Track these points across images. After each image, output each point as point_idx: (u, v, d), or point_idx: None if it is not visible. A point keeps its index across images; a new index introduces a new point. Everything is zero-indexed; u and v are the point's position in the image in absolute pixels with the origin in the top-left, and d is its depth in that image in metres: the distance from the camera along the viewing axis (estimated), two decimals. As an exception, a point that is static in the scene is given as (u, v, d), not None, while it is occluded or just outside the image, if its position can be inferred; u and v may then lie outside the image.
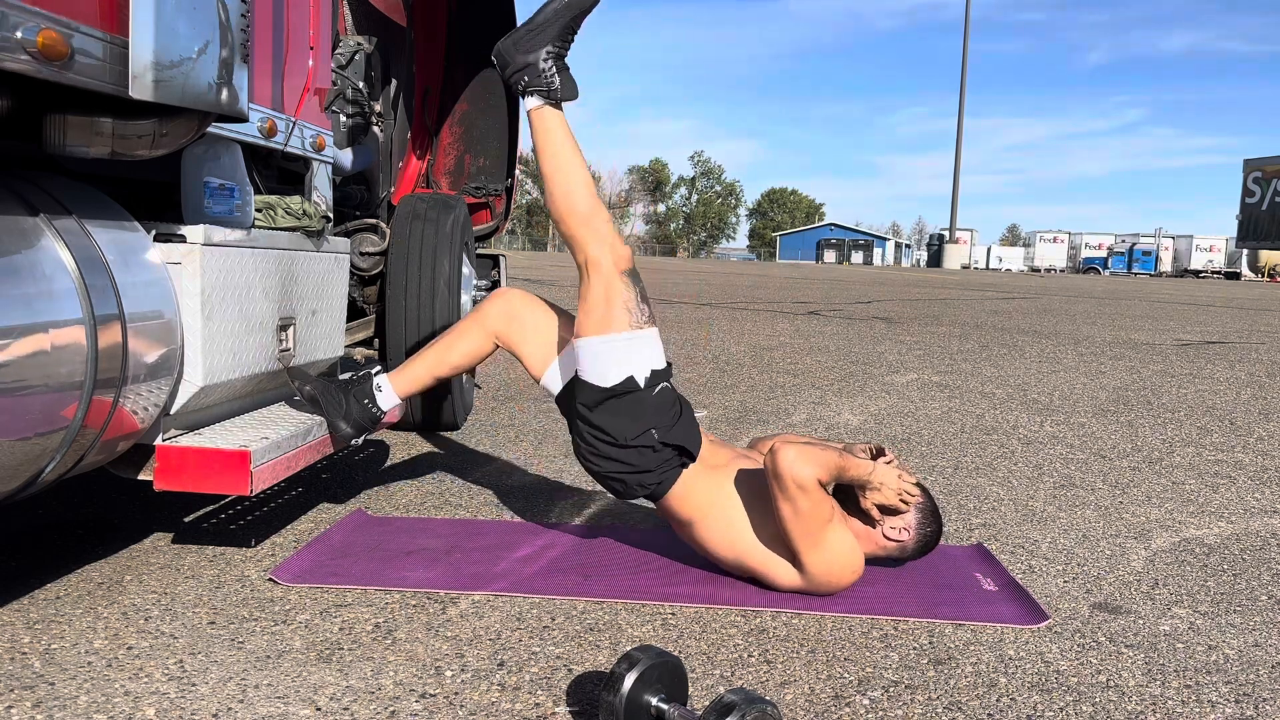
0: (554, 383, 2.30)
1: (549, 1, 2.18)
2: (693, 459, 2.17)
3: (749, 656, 1.84)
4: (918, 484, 2.23)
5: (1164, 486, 3.32)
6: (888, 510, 2.19)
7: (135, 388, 1.87)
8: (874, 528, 2.21)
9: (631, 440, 2.13)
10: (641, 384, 2.14)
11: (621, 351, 2.14)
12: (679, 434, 2.16)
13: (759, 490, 2.14)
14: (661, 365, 2.19)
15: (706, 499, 2.16)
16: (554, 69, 2.18)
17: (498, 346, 2.37)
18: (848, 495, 2.20)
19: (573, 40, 2.20)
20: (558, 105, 2.21)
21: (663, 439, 2.14)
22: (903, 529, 2.21)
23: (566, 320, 2.32)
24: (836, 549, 2.07)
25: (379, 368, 2.43)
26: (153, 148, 1.79)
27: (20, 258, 1.64)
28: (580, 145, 2.23)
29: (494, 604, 2.04)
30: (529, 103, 2.20)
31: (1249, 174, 46.16)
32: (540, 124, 2.21)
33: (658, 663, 1.47)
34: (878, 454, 2.24)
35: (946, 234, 62.43)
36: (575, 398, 2.19)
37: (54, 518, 2.53)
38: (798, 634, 1.95)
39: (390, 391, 2.39)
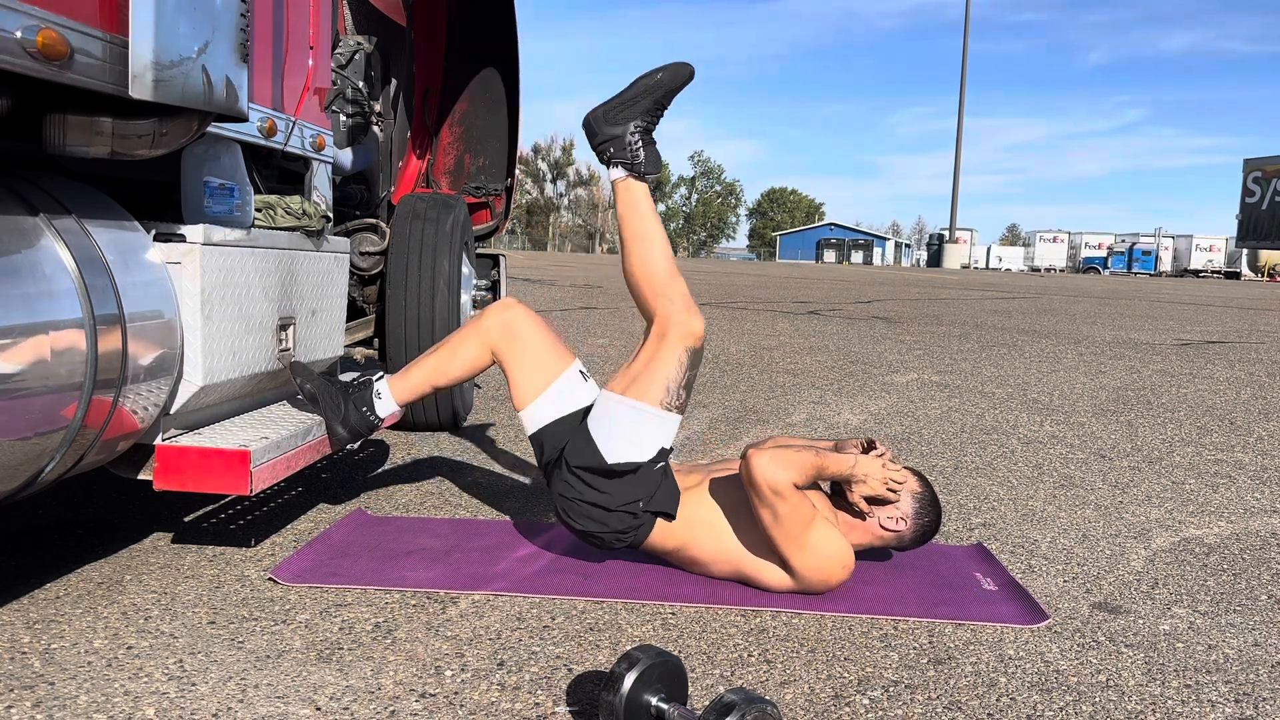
0: (532, 421, 2.25)
1: (641, 76, 2.21)
2: (671, 518, 2.16)
3: (749, 656, 1.84)
4: (916, 473, 2.23)
5: (1164, 486, 3.32)
6: (876, 501, 2.19)
7: (135, 387, 1.87)
8: (865, 520, 2.21)
9: (617, 507, 2.12)
10: (643, 465, 2.12)
11: (640, 426, 2.11)
12: (660, 500, 2.15)
13: (739, 499, 2.14)
14: (669, 446, 2.17)
15: (687, 525, 2.15)
16: (640, 143, 2.20)
17: (494, 361, 2.36)
18: (838, 492, 2.21)
19: (662, 116, 2.23)
20: (641, 178, 2.23)
21: (647, 508, 2.13)
22: (899, 518, 2.21)
23: (563, 353, 2.29)
24: (822, 549, 2.07)
25: (381, 373, 2.42)
26: (153, 147, 1.79)
27: (20, 258, 1.65)
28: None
29: (494, 604, 2.04)
30: (614, 173, 2.23)
31: (1249, 174, 46.13)
32: (624, 195, 2.23)
33: (658, 663, 1.47)
34: (869, 447, 2.24)
35: (946, 234, 62.45)
36: (569, 447, 2.16)
37: (54, 518, 2.53)
38: (798, 634, 1.95)
39: (389, 399, 2.38)
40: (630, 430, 2.12)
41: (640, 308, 2.23)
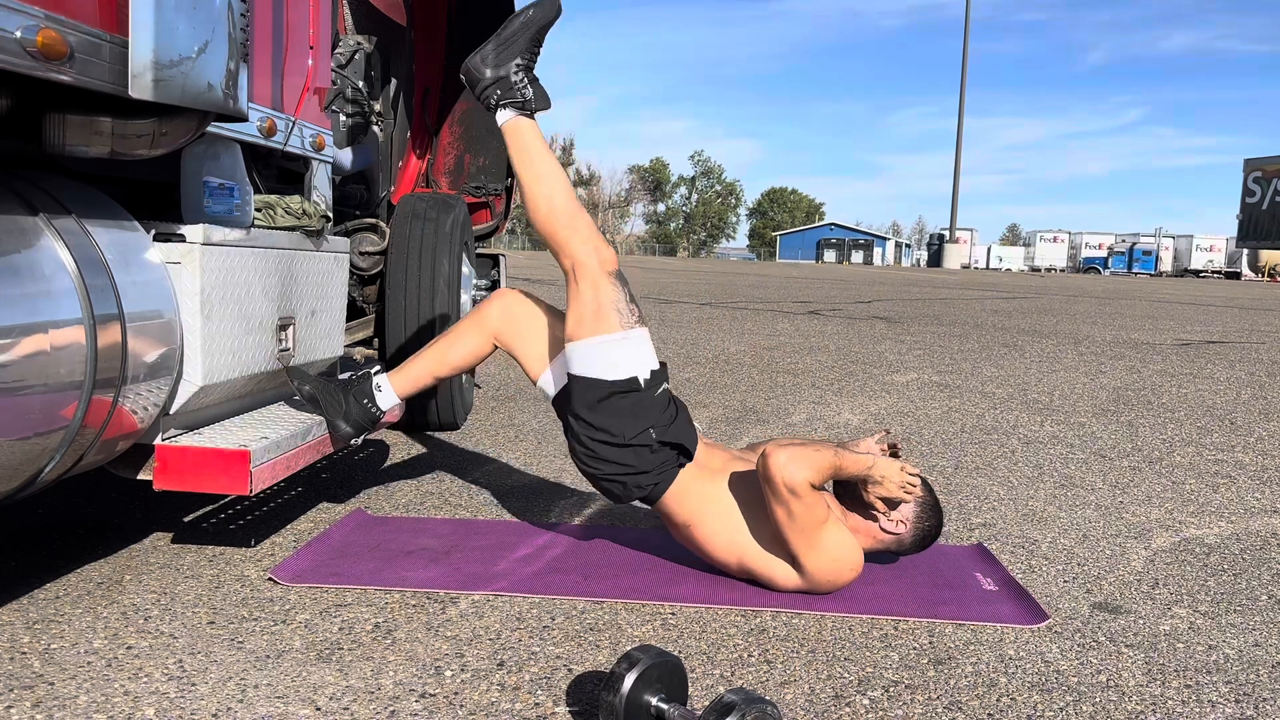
0: (550, 385, 2.30)
1: (514, 16, 2.22)
2: (690, 458, 2.18)
3: (749, 656, 1.84)
4: (920, 478, 2.23)
5: (1164, 486, 3.32)
6: (891, 503, 2.19)
7: (135, 387, 1.87)
8: (875, 521, 2.20)
9: (631, 439, 2.13)
10: (643, 384, 2.15)
11: (615, 352, 2.15)
12: (676, 432, 2.16)
13: (756, 493, 2.14)
14: (657, 366, 2.20)
15: (703, 502, 2.16)
16: (525, 80, 2.22)
17: (497, 347, 2.38)
18: (846, 489, 2.21)
19: (539, 52, 2.25)
20: (531, 115, 2.24)
21: (660, 438, 2.14)
22: (899, 521, 2.20)
23: (564, 322, 2.32)
24: (834, 549, 2.07)
25: (379, 367, 2.43)
26: (152, 147, 1.79)
27: (20, 258, 1.64)
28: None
29: (494, 604, 2.04)
30: (503, 116, 2.24)
31: (1249, 174, 46.12)
32: (516, 136, 2.24)
33: (658, 663, 1.47)
34: (894, 452, 2.24)
35: (946, 234, 62.34)
36: (573, 399, 2.19)
37: (54, 518, 2.53)
38: (798, 634, 1.95)
39: (390, 391, 2.39)
40: (610, 358, 2.15)
41: (550, 245, 2.24)
